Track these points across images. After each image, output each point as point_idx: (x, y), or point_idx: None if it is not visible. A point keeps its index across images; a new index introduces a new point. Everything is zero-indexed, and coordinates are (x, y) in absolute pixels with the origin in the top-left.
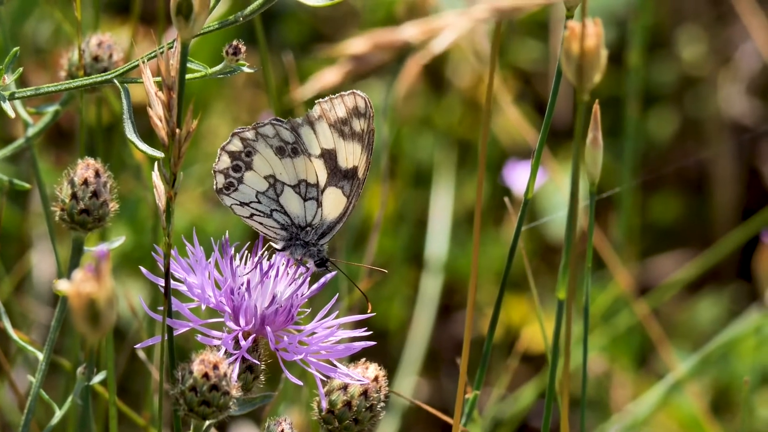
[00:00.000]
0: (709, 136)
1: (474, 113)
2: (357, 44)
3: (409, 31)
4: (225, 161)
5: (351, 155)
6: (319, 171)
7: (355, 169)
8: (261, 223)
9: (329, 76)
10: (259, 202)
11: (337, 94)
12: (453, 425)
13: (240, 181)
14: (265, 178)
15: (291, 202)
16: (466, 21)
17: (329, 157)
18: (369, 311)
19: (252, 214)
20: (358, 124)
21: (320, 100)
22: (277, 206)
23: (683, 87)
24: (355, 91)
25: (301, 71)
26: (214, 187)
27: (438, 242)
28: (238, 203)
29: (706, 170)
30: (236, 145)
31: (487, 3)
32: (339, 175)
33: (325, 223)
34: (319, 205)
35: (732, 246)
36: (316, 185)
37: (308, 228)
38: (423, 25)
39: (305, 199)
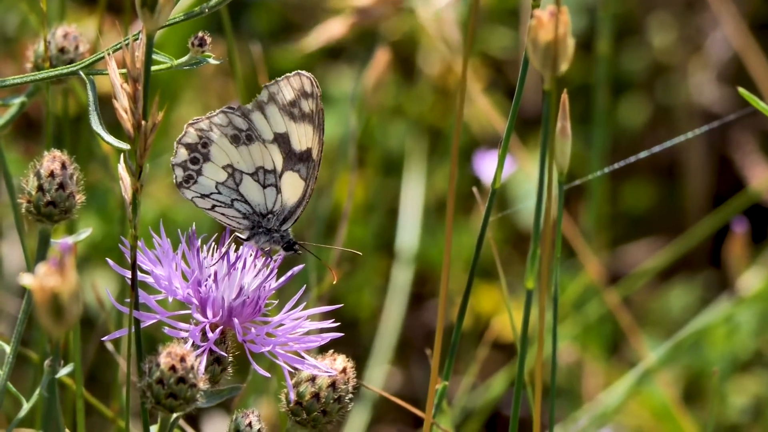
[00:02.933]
0: (679, 124)
1: (444, 101)
2: None
3: None
4: (182, 154)
5: (303, 137)
6: (274, 156)
7: (309, 151)
8: (223, 214)
9: (335, 27)
10: (219, 192)
11: (282, 77)
12: (425, 419)
13: (199, 173)
14: (223, 168)
15: (251, 190)
16: None
17: (282, 141)
18: (334, 282)
19: (213, 206)
20: (307, 105)
21: (266, 84)
22: (238, 195)
23: (654, 75)
24: (300, 72)
25: (271, 60)
26: (174, 180)
27: (409, 231)
28: (199, 195)
29: (677, 158)
30: (192, 137)
31: None
32: (294, 158)
33: (285, 208)
34: (279, 191)
35: (703, 234)
36: (274, 171)
37: (269, 215)
38: None
39: (264, 186)
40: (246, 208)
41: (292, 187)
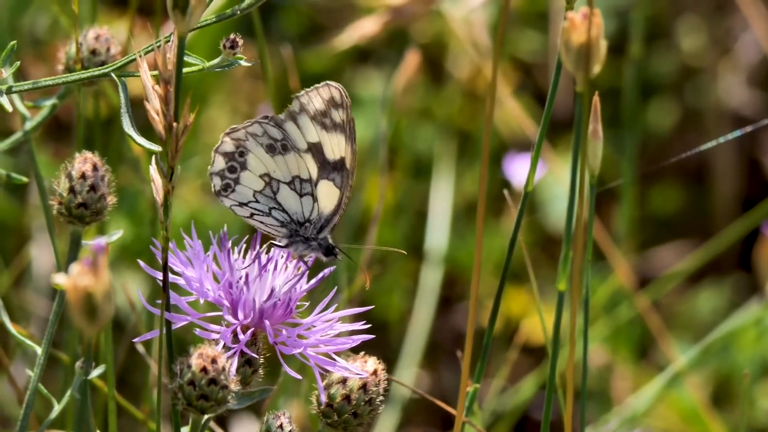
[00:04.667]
0: (709, 127)
1: (473, 104)
2: None
3: None
4: (220, 163)
5: (336, 147)
6: (309, 165)
7: (342, 160)
8: (262, 222)
9: (368, 25)
10: (257, 201)
11: (312, 87)
12: (456, 418)
13: (237, 181)
14: (261, 176)
15: (288, 199)
16: None
17: (316, 150)
18: (367, 286)
19: (252, 214)
20: (338, 115)
21: (297, 94)
22: (275, 204)
23: (683, 78)
24: (328, 82)
25: (300, 62)
26: (213, 189)
27: (438, 234)
28: (237, 204)
29: (707, 161)
30: (228, 146)
31: None
32: (328, 167)
33: (322, 217)
34: (315, 199)
35: (732, 237)
36: (309, 180)
37: (306, 224)
38: None
39: (301, 195)
40: (284, 217)
41: (328, 195)
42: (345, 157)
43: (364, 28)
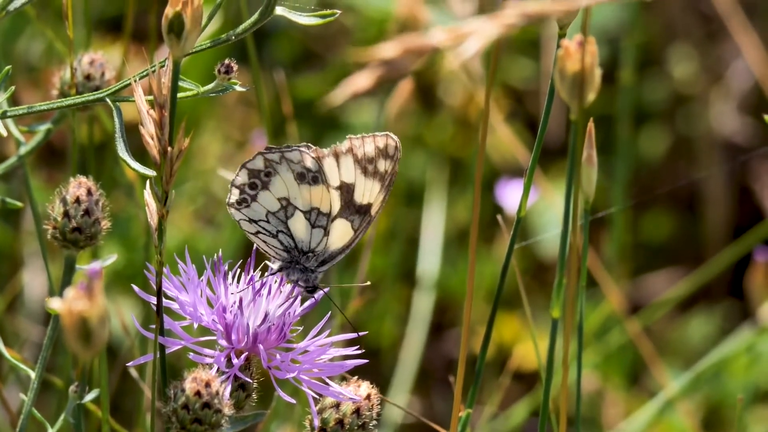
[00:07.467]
0: (700, 154)
1: (465, 131)
2: (388, 49)
3: (437, 36)
4: (243, 177)
5: (368, 192)
6: (333, 202)
7: (369, 206)
8: (265, 242)
9: (361, 80)
10: (267, 221)
11: (370, 134)
12: None
13: (254, 198)
14: (279, 199)
15: (299, 226)
16: (494, 27)
17: (347, 190)
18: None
19: (258, 232)
20: (383, 165)
21: (351, 136)
22: (284, 228)
23: (675, 105)
24: (388, 133)
25: (293, 89)
26: (227, 200)
27: (430, 260)
28: (247, 219)
29: (698, 188)
30: (259, 164)
31: (515, 9)
32: (352, 208)
33: (327, 251)
34: (326, 234)
35: (724, 264)
36: (328, 214)
37: (310, 254)
38: (451, 31)
39: (313, 226)
40: (289, 242)
41: (342, 233)
42: (373, 204)
43: (356, 84)
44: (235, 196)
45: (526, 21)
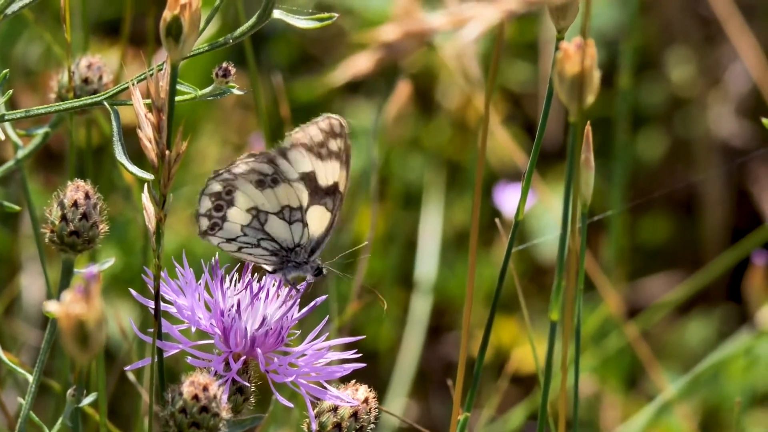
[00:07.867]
0: (698, 157)
1: (463, 134)
2: (388, 31)
3: (438, 20)
4: (206, 204)
5: (330, 173)
6: (300, 194)
7: (336, 185)
8: (250, 254)
9: (361, 62)
10: (245, 235)
11: (309, 122)
12: None
13: (224, 219)
14: (247, 211)
15: (276, 228)
16: (494, 12)
17: (309, 179)
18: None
19: (240, 248)
20: (335, 144)
21: (290, 131)
22: (264, 235)
23: (673, 108)
24: (329, 115)
25: (291, 92)
26: (198, 231)
27: (427, 263)
28: (225, 240)
29: (696, 191)
30: (216, 187)
31: None
32: (320, 193)
33: (313, 240)
34: (305, 224)
35: (722, 267)
36: (300, 207)
37: (297, 248)
38: (452, 15)
39: (290, 223)
40: (273, 246)
41: (319, 219)
42: (338, 181)
43: (357, 65)
44: (205, 224)
45: (526, 7)
